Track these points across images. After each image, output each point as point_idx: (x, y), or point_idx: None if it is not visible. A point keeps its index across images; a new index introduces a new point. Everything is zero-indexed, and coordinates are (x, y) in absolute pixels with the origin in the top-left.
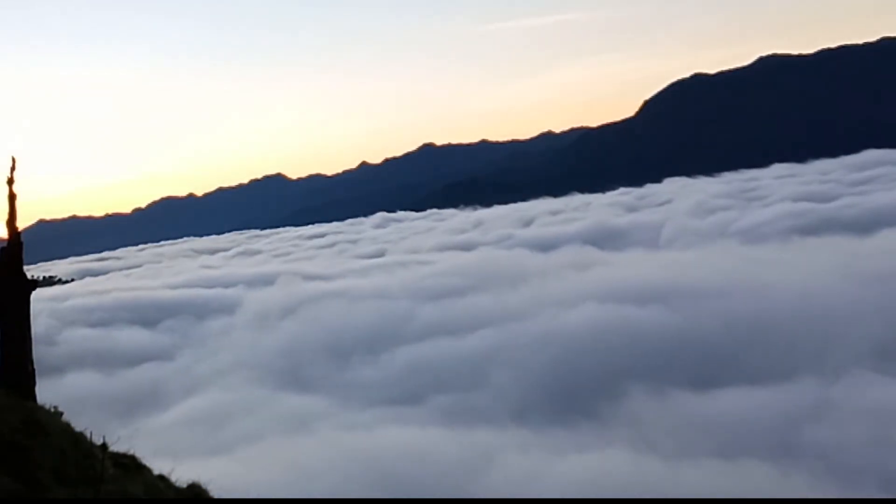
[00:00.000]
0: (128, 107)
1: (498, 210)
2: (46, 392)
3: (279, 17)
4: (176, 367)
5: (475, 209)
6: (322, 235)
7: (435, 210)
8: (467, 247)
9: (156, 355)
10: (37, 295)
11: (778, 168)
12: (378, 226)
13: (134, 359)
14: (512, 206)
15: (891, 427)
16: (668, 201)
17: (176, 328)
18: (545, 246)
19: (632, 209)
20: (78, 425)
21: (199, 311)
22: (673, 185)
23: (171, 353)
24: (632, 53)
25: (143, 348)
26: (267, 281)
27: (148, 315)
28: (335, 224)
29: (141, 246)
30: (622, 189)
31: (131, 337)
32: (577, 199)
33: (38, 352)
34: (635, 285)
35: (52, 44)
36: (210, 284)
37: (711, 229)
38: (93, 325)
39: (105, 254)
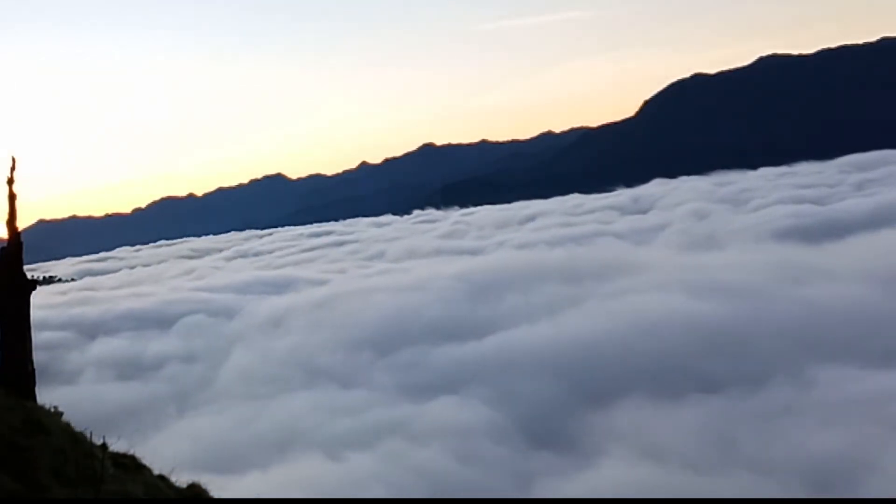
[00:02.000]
0: (128, 107)
1: (497, 210)
2: (61, 399)
3: (279, 18)
4: (196, 374)
5: (475, 209)
6: (327, 234)
7: (433, 210)
8: (473, 248)
9: (174, 362)
10: (46, 302)
11: (778, 168)
12: (378, 225)
13: (151, 366)
14: (510, 205)
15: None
16: (668, 201)
17: (191, 333)
18: (550, 246)
19: (631, 210)
20: (99, 433)
21: (213, 316)
22: (673, 185)
23: (189, 360)
24: (632, 53)
25: (160, 355)
26: (276, 283)
27: (161, 321)
28: (335, 224)
29: (139, 246)
30: (621, 189)
31: (147, 344)
32: (575, 200)
33: (55, 360)
34: (669, 284)
35: (52, 44)
36: (217, 288)
37: (713, 229)
38: (109, 332)
39: (105, 254)
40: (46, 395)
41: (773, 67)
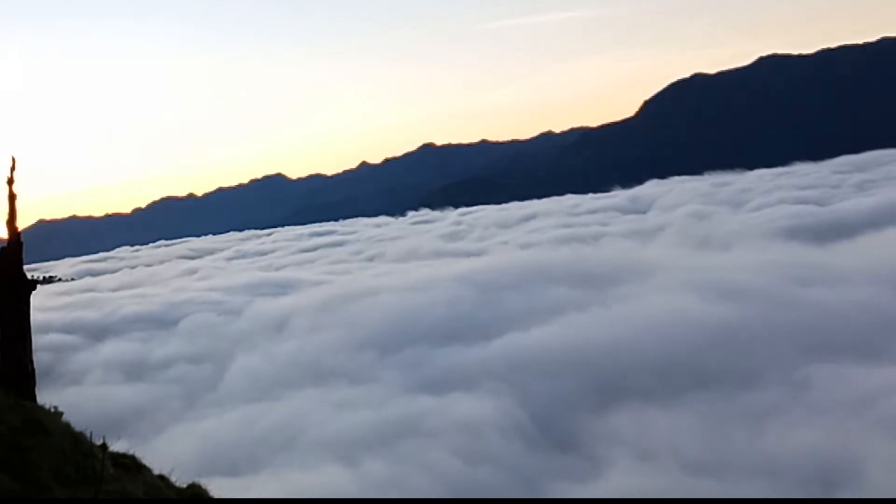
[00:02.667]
0: (128, 107)
1: (497, 210)
2: (68, 401)
3: (279, 19)
4: (202, 375)
5: (475, 209)
6: (327, 234)
7: (433, 210)
8: (474, 249)
9: (180, 363)
10: (52, 304)
11: (778, 168)
12: (378, 225)
13: (157, 367)
14: (510, 205)
15: None
16: (667, 202)
17: (196, 334)
18: (551, 246)
19: (630, 210)
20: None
21: (218, 317)
22: (672, 186)
23: (195, 361)
24: (632, 53)
25: (166, 356)
26: (279, 284)
27: (167, 322)
28: (335, 224)
29: (139, 246)
30: (620, 189)
31: (153, 345)
32: (575, 200)
33: (61, 362)
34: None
35: (52, 45)
36: (221, 288)
37: (712, 230)
38: (114, 334)
39: (105, 254)
40: (54, 397)
41: (773, 67)
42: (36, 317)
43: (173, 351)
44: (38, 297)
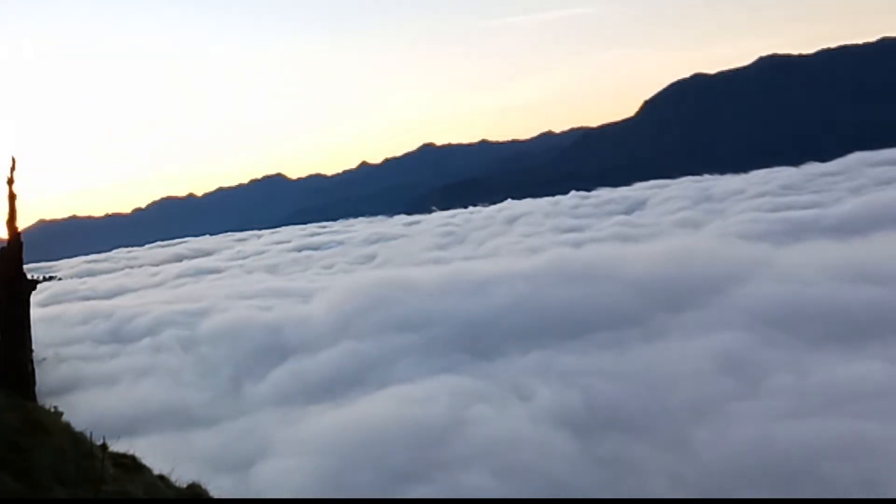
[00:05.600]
0: (128, 106)
1: (496, 210)
2: (84, 406)
3: (277, 17)
4: (217, 379)
5: (475, 209)
6: (328, 234)
7: (433, 210)
8: (474, 249)
9: (193, 367)
10: (61, 311)
11: (778, 168)
12: (378, 225)
13: (170, 370)
14: (510, 205)
15: None
16: (668, 201)
17: (211, 339)
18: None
19: (631, 210)
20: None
21: (231, 321)
22: (673, 185)
23: (208, 366)
24: (632, 53)
25: (179, 360)
26: (287, 286)
27: (178, 324)
28: (335, 224)
29: (137, 248)
30: (621, 189)
31: (165, 348)
32: (575, 200)
33: (73, 369)
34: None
35: (52, 44)
36: (232, 294)
37: (713, 230)
38: (129, 339)
39: (105, 254)
40: (77, 403)
41: (773, 67)
42: (56, 331)
43: (194, 356)
44: (54, 307)
